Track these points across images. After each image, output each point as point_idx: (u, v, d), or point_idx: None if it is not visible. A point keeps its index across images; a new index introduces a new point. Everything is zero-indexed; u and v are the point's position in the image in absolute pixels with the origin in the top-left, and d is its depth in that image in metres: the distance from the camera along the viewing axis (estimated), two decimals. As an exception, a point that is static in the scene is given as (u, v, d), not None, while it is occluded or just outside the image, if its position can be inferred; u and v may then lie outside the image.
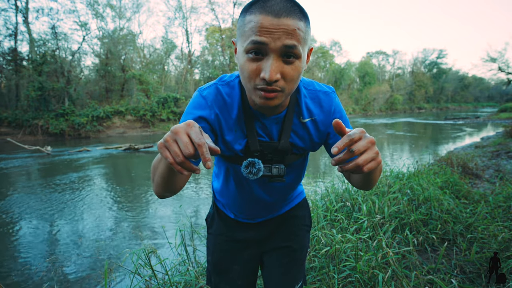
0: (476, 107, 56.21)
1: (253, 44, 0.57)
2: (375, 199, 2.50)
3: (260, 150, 0.73)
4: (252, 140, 0.72)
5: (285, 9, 0.56)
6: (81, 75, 21.41)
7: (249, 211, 0.91)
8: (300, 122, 0.74)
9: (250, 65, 0.59)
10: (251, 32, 0.57)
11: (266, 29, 0.56)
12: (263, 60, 0.58)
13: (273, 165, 0.73)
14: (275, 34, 0.56)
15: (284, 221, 0.96)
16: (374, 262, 1.70)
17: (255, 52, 0.58)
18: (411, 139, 13.50)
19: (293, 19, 0.56)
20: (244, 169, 0.69)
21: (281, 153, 0.74)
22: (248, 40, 0.57)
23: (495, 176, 4.37)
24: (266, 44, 0.56)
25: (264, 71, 0.57)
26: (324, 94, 0.76)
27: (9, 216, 4.61)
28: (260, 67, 0.58)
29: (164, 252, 3.01)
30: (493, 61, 28.37)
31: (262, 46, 0.56)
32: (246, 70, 0.60)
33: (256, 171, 0.69)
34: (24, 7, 17.50)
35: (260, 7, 0.57)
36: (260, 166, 0.69)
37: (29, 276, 2.97)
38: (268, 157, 0.74)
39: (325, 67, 36.80)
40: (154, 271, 1.68)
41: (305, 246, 0.99)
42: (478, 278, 1.81)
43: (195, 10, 27.58)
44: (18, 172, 7.92)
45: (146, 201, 5.24)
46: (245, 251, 0.95)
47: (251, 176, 0.69)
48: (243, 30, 0.59)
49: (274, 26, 0.55)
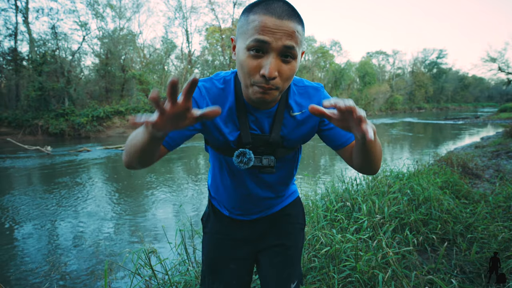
0: (476, 107, 56.22)
1: (256, 42, 0.60)
2: (375, 199, 2.50)
3: (251, 142, 0.76)
4: (245, 132, 0.75)
5: (287, 12, 0.61)
6: (81, 75, 21.40)
7: (242, 205, 0.91)
8: (290, 116, 0.78)
9: (250, 62, 0.62)
10: (254, 31, 0.60)
11: (269, 29, 0.59)
12: (263, 58, 0.61)
13: (263, 156, 0.77)
14: (277, 34, 0.60)
15: (277, 219, 0.97)
16: (374, 262, 1.70)
17: (256, 49, 0.61)
18: (411, 139, 13.51)
19: (294, 22, 0.61)
20: (236, 158, 0.74)
21: (272, 146, 0.78)
22: (251, 38, 0.61)
23: (495, 176, 4.37)
24: (268, 43, 0.60)
25: (264, 68, 0.61)
26: (313, 89, 0.80)
27: (9, 216, 4.61)
28: (260, 64, 0.62)
29: (164, 252, 3.01)
30: (493, 61, 28.38)
31: (264, 45, 0.60)
32: (246, 66, 0.63)
33: (247, 161, 0.73)
34: (24, 7, 17.48)
35: (264, 8, 0.61)
36: (251, 156, 0.74)
37: (29, 276, 2.98)
38: (259, 150, 0.77)
39: (325, 67, 36.77)
40: (154, 271, 1.68)
41: (299, 245, 0.99)
42: (478, 278, 1.81)
43: (195, 10, 27.51)
44: (18, 172, 7.92)
45: (146, 201, 5.25)
46: (239, 250, 0.95)
47: (242, 165, 0.74)
48: (246, 28, 0.63)
49: (277, 27, 0.59)
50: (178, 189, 5.94)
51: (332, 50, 39.75)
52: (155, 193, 5.67)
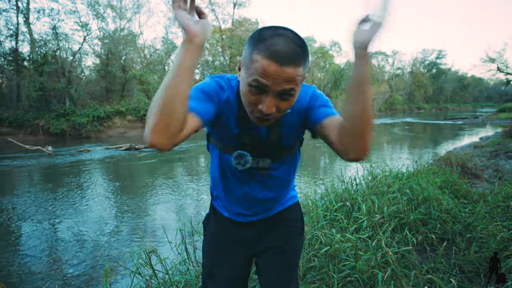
0: (475, 107, 56.20)
1: (256, 82, 0.65)
2: (374, 199, 2.51)
3: (250, 144, 0.81)
4: (245, 133, 0.80)
5: (290, 56, 0.63)
6: (82, 75, 21.42)
7: (241, 206, 0.93)
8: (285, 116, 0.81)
9: (250, 97, 0.67)
10: (255, 71, 0.64)
11: (269, 74, 0.63)
12: (262, 95, 0.66)
13: (260, 159, 0.82)
14: (276, 80, 0.63)
15: (275, 222, 0.98)
16: (373, 262, 1.71)
17: (255, 87, 0.66)
18: (410, 139, 13.52)
19: (295, 67, 0.64)
20: (234, 160, 0.79)
21: (269, 147, 0.82)
22: (253, 77, 0.65)
23: (494, 176, 4.38)
24: (267, 86, 0.64)
25: (262, 105, 0.66)
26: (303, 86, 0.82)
27: (10, 216, 4.63)
28: (259, 100, 0.67)
29: (164, 251, 3.02)
30: (492, 62, 28.31)
31: (264, 87, 0.65)
32: (246, 99, 0.69)
33: (244, 163, 0.79)
34: (25, 7, 17.49)
35: (267, 50, 0.62)
36: (248, 158, 0.79)
37: (30, 275, 2.99)
38: (257, 151, 0.81)
39: (324, 67, 36.77)
40: (154, 270, 1.69)
41: (297, 249, 0.98)
42: (477, 277, 1.82)
43: (195, 11, 27.44)
44: (19, 172, 7.93)
45: (147, 201, 5.26)
46: (238, 252, 0.96)
47: (240, 166, 0.79)
48: (248, 64, 0.66)
49: (278, 74, 0.63)
50: (179, 189, 5.95)
51: (332, 50, 39.81)
52: (155, 193, 5.68)
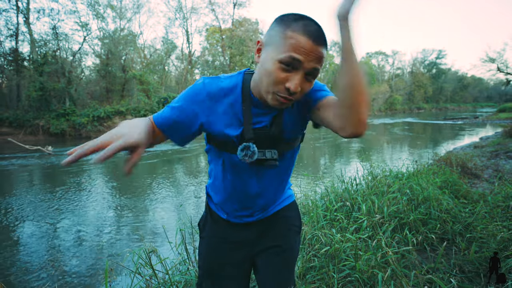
0: (475, 107, 56.19)
1: (290, 59, 0.66)
2: (374, 199, 2.51)
3: (254, 138, 0.79)
4: (247, 128, 0.79)
5: (322, 38, 0.68)
6: (82, 75, 21.43)
7: (240, 206, 0.92)
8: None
9: (279, 74, 0.68)
10: (290, 47, 0.66)
11: (304, 50, 0.66)
12: (292, 73, 0.68)
13: (266, 150, 0.80)
14: (310, 56, 0.67)
15: (273, 222, 0.98)
16: (373, 262, 1.71)
17: (287, 64, 0.67)
18: (410, 139, 13.52)
19: (324, 48, 0.69)
20: (240, 152, 0.77)
21: (273, 139, 0.81)
22: (286, 53, 0.66)
23: (494, 176, 4.38)
24: (301, 62, 0.67)
25: (290, 83, 0.68)
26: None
27: (10, 216, 4.63)
28: (288, 78, 0.68)
29: (164, 251, 3.02)
30: (492, 62, 28.28)
31: (296, 62, 0.67)
32: (274, 76, 0.69)
33: (251, 154, 0.77)
34: (25, 7, 17.50)
35: (302, 28, 0.66)
36: (255, 149, 0.77)
37: (30, 275, 2.99)
38: (262, 144, 0.81)
39: (324, 67, 36.82)
40: (154, 270, 1.69)
41: (294, 248, 0.99)
42: (477, 277, 1.82)
43: (195, 11, 27.50)
44: (19, 172, 7.94)
45: (147, 201, 5.26)
46: (236, 254, 0.96)
47: (247, 158, 0.77)
48: (280, 42, 0.67)
49: (313, 50, 0.66)
50: (179, 189, 5.95)
51: (332, 50, 39.79)
52: (155, 193, 5.68)
